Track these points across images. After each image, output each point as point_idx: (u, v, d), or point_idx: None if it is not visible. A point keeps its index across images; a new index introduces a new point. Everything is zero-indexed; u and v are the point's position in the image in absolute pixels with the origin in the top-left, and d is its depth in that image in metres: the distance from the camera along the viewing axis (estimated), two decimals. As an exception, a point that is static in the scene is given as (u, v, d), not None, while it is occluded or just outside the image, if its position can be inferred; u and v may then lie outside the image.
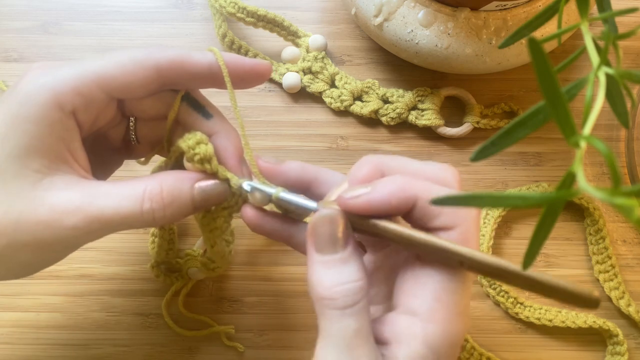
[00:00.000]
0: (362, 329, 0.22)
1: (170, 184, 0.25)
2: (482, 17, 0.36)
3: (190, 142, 0.26)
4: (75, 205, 0.24)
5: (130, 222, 0.24)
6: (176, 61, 0.26)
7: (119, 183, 0.25)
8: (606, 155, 0.16)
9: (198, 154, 0.26)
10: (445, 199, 0.18)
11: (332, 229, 0.23)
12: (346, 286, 0.22)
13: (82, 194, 0.24)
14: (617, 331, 0.37)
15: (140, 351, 0.38)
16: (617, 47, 0.22)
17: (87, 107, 0.25)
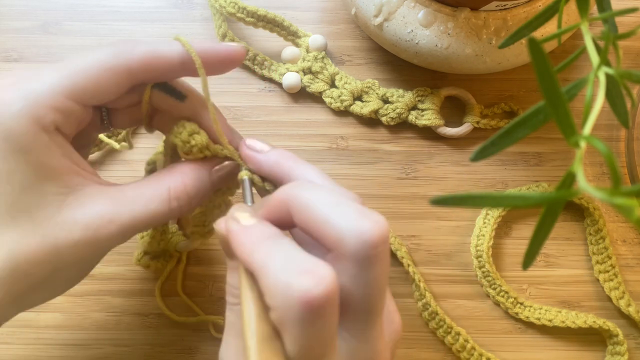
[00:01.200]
0: (236, 325, 0.24)
1: (192, 178, 0.26)
2: (482, 17, 0.36)
3: (183, 137, 0.26)
4: (107, 218, 0.24)
5: (160, 220, 0.26)
6: (146, 60, 0.25)
7: (141, 184, 0.26)
8: (606, 155, 0.16)
9: (195, 146, 0.27)
10: (445, 199, 0.18)
11: (226, 245, 0.24)
12: (231, 289, 0.25)
13: (110, 204, 0.24)
14: (617, 331, 0.37)
15: (140, 351, 0.38)
16: (617, 47, 0.22)
17: (67, 121, 0.24)
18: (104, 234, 0.24)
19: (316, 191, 0.23)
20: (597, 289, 0.39)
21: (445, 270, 0.39)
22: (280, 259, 0.21)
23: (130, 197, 0.25)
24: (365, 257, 0.21)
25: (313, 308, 0.20)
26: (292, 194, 0.23)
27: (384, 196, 0.40)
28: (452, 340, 0.37)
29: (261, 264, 0.21)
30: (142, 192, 0.25)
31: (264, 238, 0.22)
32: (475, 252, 0.38)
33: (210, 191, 0.28)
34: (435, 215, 0.40)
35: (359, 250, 0.21)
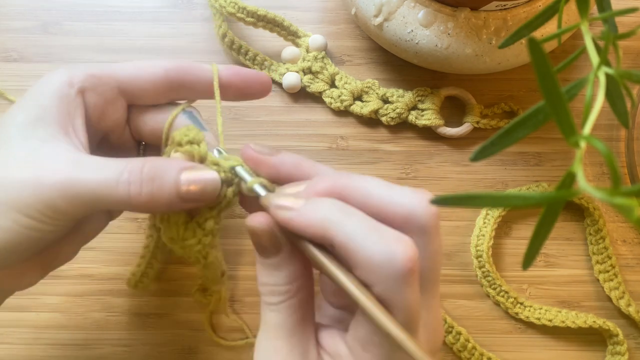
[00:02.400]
0: (284, 325, 0.24)
1: (154, 162, 0.24)
2: (482, 17, 0.36)
3: (181, 129, 0.26)
4: (59, 167, 0.24)
5: (106, 193, 0.23)
6: (183, 67, 0.28)
7: (108, 158, 0.25)
8: (606, 155, 0.16)
9: (187, 136, 0.25)
10: (444, 199, 0.18)
11: (262, 238, 0.23)
12: (273, 288, 0.24)
13: (69, 159, 0.24)
14: (617, 331, 0.37)
15: (140, 351, 0.38)
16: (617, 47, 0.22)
17: (95, 89, 0.27)
18: (47, 180, 0.23)
19: (368, 178, 0.23)
20: (597, 289, 0.39)
21: (446, 270, 0.39)
22: (367, 228, 0.21)
23: (88, 160, 0.24)
24: (434, 227, 0.22)
25: (414, 271, 0.21)
26: (347, 182, 0.23)
27: (384, 196, 0.40)
28: (452, 340, 0.37)
29: (349, 236, 0.21)
30: (104, 160, 0.24)
31: (337, 210, 0.22)
32: (475, 252, 0.38)
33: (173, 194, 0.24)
34: (435, 215, 0.40)
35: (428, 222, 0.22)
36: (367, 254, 0.21)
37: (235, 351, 0.38)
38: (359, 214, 0.22)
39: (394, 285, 0.21)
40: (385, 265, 0.20)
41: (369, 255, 0.21)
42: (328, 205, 0.22)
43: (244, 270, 0.39)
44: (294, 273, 0.24)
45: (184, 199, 0.24)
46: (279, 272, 0.24)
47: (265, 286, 0.24)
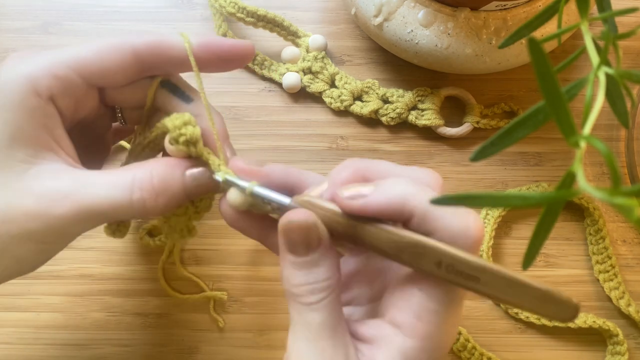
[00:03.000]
0: (327, 323, 0.23)
1: (161, 171, 0.24)
2: (482, 17, 0.36)
3: (177, 122, 0.25)
4: (63, 194, 0.23)
5: (120, 211, 0.24)
6: (153, 44, 0.25)
7: (108, 171, 0.25)
8: (606, 155, 0.16)
9: (184, 135, 0.25)
10: (444, 199, 0.18)
11: (305, 234, 0.23)
12: (314, 286, 0.23)
13: (70, 182, 0.23)
14: (617, 331, 0.37)
15: (140, 351, 0.38)
16: (617, 47, 0.22)
17: (65, 92, 0.24)
18: (56, 211, 0.23)
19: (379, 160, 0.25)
20: (597, 289, 0.39)
21: (445, 270, 0.39)
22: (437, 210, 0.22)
23: (93, 180, 0.24)
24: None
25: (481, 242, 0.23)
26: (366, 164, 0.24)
27: (384, 196, 0.40)
28: None
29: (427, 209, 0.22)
30: (106, 176, 0.24)
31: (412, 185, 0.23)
32: (475, 252, 0.38)
33: (182, 195, 0.25)
34: (435, 215, 0.40)
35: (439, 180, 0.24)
36: (446, 223, 0.22)
37: (235, 351, 0.38)
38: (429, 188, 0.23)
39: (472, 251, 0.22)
40: (462, 234, 0.22)
41: (448, 223, 0.22)
42: (403, 182, 0.23)
43: (243, 270, 0.39)
44: (334, 266, 0.24)
45: (188, 196, 0.25)
46: (319, 267, 0.23)
47: (303, 286, 0.23)
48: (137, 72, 0.26)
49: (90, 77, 0.25)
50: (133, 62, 0.25)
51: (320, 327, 0.23)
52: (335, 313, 0.23)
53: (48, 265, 0.38)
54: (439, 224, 0.22)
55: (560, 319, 0.22)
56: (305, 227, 0.23)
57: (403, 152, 0.41)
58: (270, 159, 0.41)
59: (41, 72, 0.23)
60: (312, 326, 0.23)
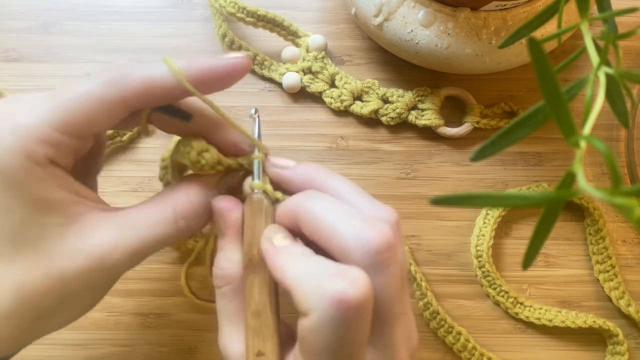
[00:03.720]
0: (223, 311, 0.25)
1: (198, 195, 0.26)
2: (482, 17, 0.36)
3: (192, 156, 0.25)
4: (112, 245, 0.23)
5: (169, 242, 0.25)
6: (142, 88, 0.23)
7: (145, 207, 0.25)
8: (606, 155, 0.16)
9: (206, 164, 0.25)
10: (445, 199, 0.18)
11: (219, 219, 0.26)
12: (217, 270, 0.26)
13: (114, 230, 0.24)
14: (617, 331, 0.37)
15: (140, 351, 0.38)
16: (617, 47, 0.22)
17: (61, 153, 0.23)
18: (109, 261, 0.23)
19: (323, 201, 0.23)
20: (597, 289, 0.39)
21: (446, 270, 0.39)
22: (312, 267, 0.22)
23: (134, 221, 0.24)
24: (371, 265, 0.21)
25: (348, 308, 0.20)
26: (299, 203, 0.24)
27: (384, 196, 0.40)
28: (453, 340, 0.37)
29: (294, 277, 0.22)
30: (146, 214, 0.25)
31: (296, 257, 0.23)
32: (475, 252, 0.38)
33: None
34: (435, 215, 0.40)
35: (364, 258, 0.21)
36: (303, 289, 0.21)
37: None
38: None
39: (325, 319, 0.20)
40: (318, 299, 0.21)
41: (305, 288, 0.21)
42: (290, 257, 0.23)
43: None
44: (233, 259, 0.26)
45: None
46: (222, 252, 0.26)
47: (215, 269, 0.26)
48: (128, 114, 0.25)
49: (81, 133, 0.24)
50: (123, 111, 0.24)
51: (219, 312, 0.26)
52: (231, 307, 0.25)
53: (48, 265, 0.38)
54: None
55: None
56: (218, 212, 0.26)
57: (403, 152, 0.41)
58: (270, 159, 0.41)
59: (32, 143, 0.22)
60: (217, 309, 0.26)
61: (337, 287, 0.20)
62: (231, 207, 0.26)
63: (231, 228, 0.25)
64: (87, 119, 0.23)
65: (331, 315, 0.20)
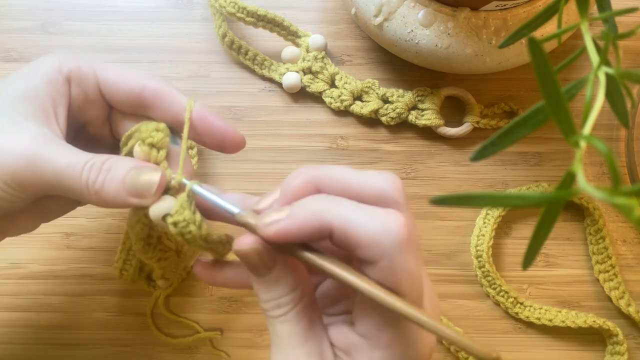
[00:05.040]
0: (296, 332, 0.24)
1: (115, 158, 0.26)
2: (482, 17, 0.36)
3: (149, 126, 0.26)
4: (33, 143, 0.25)
5: (69, 181, 0.25)
6: (160, 91, 0.27)
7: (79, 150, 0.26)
8: (606, 155, 0.16)
9: (151, 138, 0.26)
10: (444, 199, 0.18)
11: (253, 260, 0.24)
12: (278, 300, 0.24)
13: (45, 139, 0.25)
14: (617, 331, 0.37)
15: (140, 351, 0.38)
16: (617, 47, 0.22)
17: (80, 83, 0.27)
18: (14, 148, 0.24)
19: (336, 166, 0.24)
20: (597, 289, 0.39)
21: (445, 270, 0.39)
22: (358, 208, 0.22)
23: (60, 145, 0.25)
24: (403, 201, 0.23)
25: (410, 238, 0.22)
26: (319, 172, 0.24)
27: (384, 196, 0.40)
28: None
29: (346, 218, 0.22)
30: (73, 149, 0.25)
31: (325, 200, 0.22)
32: (475, 252, 0.38)
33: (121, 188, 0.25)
34: (435, 215, 0.40)
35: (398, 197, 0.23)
36: (365, 230, 0.21)
37: (236, 351, 0.38)
38: (346, 199, 0.23)
39: (395, 254, 0.21)
40: (384, 236, 0.21)
41: (366, 230, 0.21)
42: (315, 199, 0.23)
43: (244, 270, 0.39)
44: (293, 281, 0.24)
45: (128, 193, 0.25)
46: (278, 285, 0.24)
47: (269, 302, 0.24)
48: (137, 106, 0.28)
49: (102, 84, 0.28)
50: (137, 96, 0.27)
51: (288, 337, 0.24)
52: (304, 322, 0.24)
53: (48, 265, 0.38)
54: (360, 233, 0.21)
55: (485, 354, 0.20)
56: (250, 254, 0.23)
57: (403, 152, 0.41)
58: (270, 159, 0.41)
59: (70, 59, 0.27)
60: (282, 337, 0.24)
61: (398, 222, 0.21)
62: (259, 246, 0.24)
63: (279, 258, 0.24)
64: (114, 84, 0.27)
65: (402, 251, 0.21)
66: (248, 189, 0.40)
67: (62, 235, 0.39)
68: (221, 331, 0.38)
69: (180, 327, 0.38)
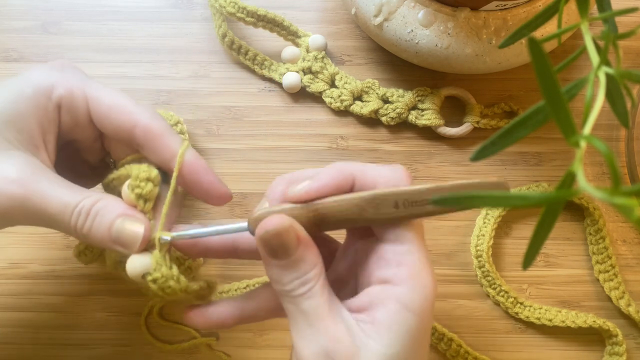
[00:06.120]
0: (322, 304, 0.24)
1: (105, 202, 0.26)
2: (482, 17, 0.36)
3: (141, 174, 0.26)
4: (24, 180, 0.24)
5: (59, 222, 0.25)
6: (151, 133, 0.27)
7: (70, 185, 0.26)
8: (606, 155, 0.16)
9: (140, 189, 0.26)
10: (444, 199, 0.18)
11: (283, 237, 0.24)
12: (303, 278, 0.25)
13: (34, 175, 0.25)
14: (617, 331, 0.37)
15: (140, 351, 0.38)
16: (617, 47, 0.22)
17: (70, 108, 0.27)
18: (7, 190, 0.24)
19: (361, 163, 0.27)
20: (597, 289, 0.39)
21: (445, 270, 0.39)
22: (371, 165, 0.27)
23: (51, 183, 0.25)
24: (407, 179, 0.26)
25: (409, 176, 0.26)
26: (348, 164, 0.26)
27: (384, 196, 0.40)
28: (445, 347, 0.37)
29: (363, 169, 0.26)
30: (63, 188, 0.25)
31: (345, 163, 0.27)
32: (475, 252, 0.38)
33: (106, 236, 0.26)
34: (435, 215, 0.40)
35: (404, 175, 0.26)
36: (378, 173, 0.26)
37: (236, 351, 0.38)
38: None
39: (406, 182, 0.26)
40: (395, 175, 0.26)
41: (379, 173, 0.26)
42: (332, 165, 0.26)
43: (243, 270, 0.39)
44: (315, 256, 0.25)
45: (113, 241, 0.26)
46: (303, 262, 0.25)
47: (292, 282, 0.25)
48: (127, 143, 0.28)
49: (93, 115, 0.27)
50: (128, 131, 0.27)
51: (317, 311, 0.24)
52: (326, 293, 0.25)
53: (48, 265, 0.38)
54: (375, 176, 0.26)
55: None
56: (283, 231, 0.24)
57: (403, 152, 0.41)
58: (270, 158, 0.41)
59: (62, 83, 0.26)
60: (309, 313, 0.24)
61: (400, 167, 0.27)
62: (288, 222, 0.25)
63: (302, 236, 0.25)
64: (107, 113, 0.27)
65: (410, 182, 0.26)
66: (248, 189, 0.40)
67: (62, 235, 0.39)
68: (217, 337, 0.38)
69: (178, 329, 0.38)
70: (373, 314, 0.25)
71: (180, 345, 0.37)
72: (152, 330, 0.38)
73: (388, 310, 0.24)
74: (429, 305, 0.25)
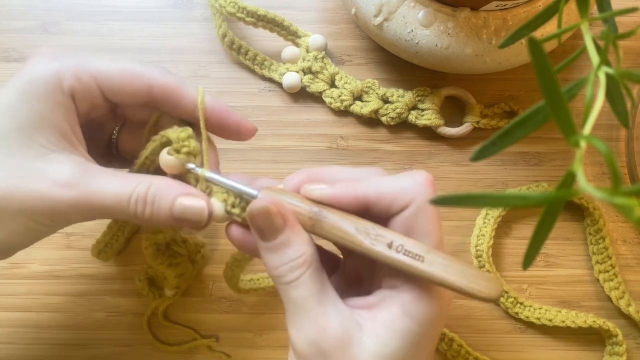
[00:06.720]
0: (312, 294, 0.25)
1: (157, 186, 0.26)
2: (482, 17, 0.36)
3: (181, 134, 0.26)
4: (76, 182, 0.25)
5: (118, 212, 0.26)
6: (168, 89, 0.27)
7: (116, 173, 0.26)
8: (606, 154, 0.16)
9: (187, 147, 0.26)
10: (445, 199, 0.18)
11: (268, 218, 0.25)
12: (289, 264, 0.25)
13: (85, 174, 0.25)
14: (617, 331, 0.37)
15: (140, 351, 0.38)
16: (617, 47, 0.22)
17: (84, 96, 0.27)
18: (65, 195, 0.24)
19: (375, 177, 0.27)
20: (597, 289, 0.39)
21: (445, 270, 0.39)
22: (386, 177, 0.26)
23: (102, 177, 0.25)
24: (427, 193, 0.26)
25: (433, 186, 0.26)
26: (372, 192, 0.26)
27: (384, 196, 0.40)
28: (445, 347, 0.37)
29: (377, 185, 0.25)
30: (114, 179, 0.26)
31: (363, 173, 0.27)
32: (475, 252, 0.38)
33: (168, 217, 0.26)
34: (435, 215, 0.40)
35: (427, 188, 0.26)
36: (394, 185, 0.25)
37: (237, 351, 0.38)
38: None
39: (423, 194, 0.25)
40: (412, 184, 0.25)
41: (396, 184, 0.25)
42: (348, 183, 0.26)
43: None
44: (304, 243, 0.25)
45: (177, 221, 0.26)
46: (289, 247, 0.25)
47: (280, 267, 0.25)
48: (147, 103, 0.28)
49: (106, 91, 0.27)
50: (145, 94, 0.27)
51: (306, 300, 0.24)
52: (319, 284, 0.25)
53: (48, 265, 0.38)
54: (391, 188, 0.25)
55: (487, 295, 0.24)
56: (267, 212, 0.25)
57: (403, 152, 0.41)
58: (270, 158, 0.41)
59: (67, 73, 0.26)
60: (298, 302, 0.25)
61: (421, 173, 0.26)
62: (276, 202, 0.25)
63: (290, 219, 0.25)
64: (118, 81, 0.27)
65: (429, 194, 0.25)
66: (248, 189, 0.40)
67: (62, 235, 0.39)
68: (217, 337, 0.38)
69: (179, 330, 0.38)
70: (376, 313, 0.25)
71: (180, 347, 0.37)
72: (153, 330, 0.38)
73: (391, 312, 0.25)
74: (435, 317, 0.25)
